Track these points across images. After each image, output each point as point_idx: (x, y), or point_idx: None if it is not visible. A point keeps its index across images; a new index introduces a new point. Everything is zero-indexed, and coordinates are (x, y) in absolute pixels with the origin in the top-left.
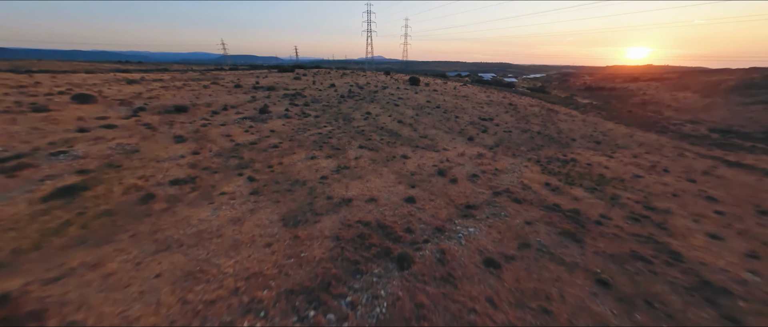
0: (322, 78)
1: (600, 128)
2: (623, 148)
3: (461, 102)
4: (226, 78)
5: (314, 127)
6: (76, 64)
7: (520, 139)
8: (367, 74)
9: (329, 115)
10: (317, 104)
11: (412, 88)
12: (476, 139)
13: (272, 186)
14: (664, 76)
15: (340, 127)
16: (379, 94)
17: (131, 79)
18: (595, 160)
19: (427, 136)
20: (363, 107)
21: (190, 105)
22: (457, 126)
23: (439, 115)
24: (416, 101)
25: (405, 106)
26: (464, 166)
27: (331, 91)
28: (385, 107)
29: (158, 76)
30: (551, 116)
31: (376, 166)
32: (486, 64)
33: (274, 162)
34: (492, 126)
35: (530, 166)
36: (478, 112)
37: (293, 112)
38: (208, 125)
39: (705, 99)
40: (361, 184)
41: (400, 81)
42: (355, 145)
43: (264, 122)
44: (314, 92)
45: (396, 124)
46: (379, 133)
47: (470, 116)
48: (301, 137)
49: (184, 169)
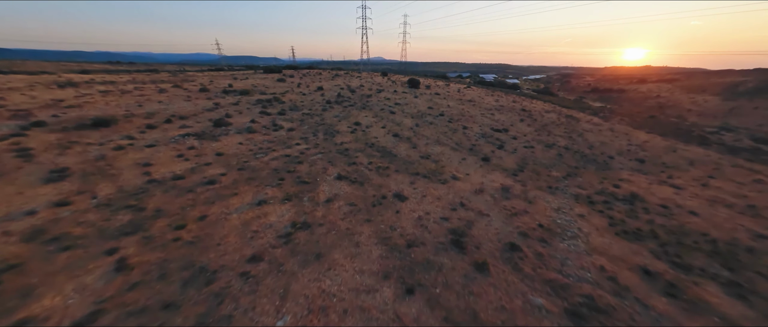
0: (310, 80)
1: (633, 140)
2: (675, 169)
3: (468, 108)
4: (198, 80)
5: (283, 145)
6: (39, 64)
7: (547, 157)
8: (362, 75)
9: (308, 127)
10: (295, 112)
11: (412, 91)
12: (493, 159)
13: (149, 287)
14: (672, 77)
15: (318, 144)
16: (372, 99)
17: (65, 83)
18: (662, 195)
19: (431, 156)
20: (352, 116)
21: (122, 117)
22: (466, 140)
23: (444, 126)
24: (416, 107)
25: (403, 113)
26: (490, 217)
27: (316, 96)
28: (378, 116)
29: (115, 78)
30: (573, 125)
31: (355, 221)
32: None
33: (193, 215)
34: (508, 139)
35: (588, 213)
36: (489, 120)
37: (261, 123)
38: (124, 148)
39: (728, 102)
40: (315, 279)
41: (398, 83)
42: (333, 174)
43: (214, 140)
44: (296, 97)
45: (391, 138)
46: (367, 152)
47: (481, 126)
48: (257, 163)
49: (13, 245)
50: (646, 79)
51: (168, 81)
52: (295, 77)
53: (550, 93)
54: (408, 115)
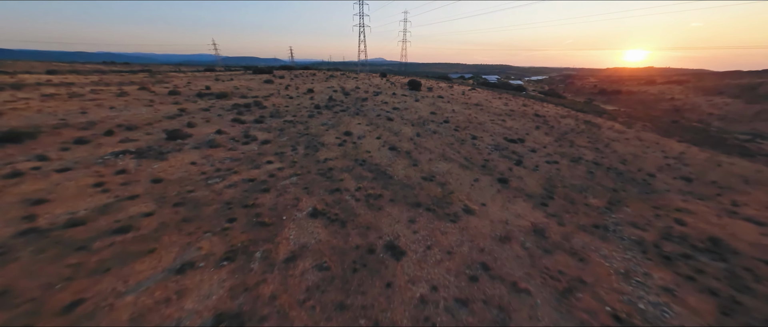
0: (301, 81)
1: (668, 151)
2: (732, 191)
3: (476, 113)
4: (175, 81)
5: (249, 164)
6: (28, 64)
7: (577, 176)
8: (360, 77)
9: (287, 139)
10: (276, 119)
11: (412, 93)
12: (512, 179)
13: None
14: (681, 78)
15: (295, 162)
16: (368, 103)
17: (6, 84)
18: (749, 237)
19: (435, 176)
20: (343, 123)
21: (49, 128)
22: (477, 154)
23: (450, 135)
24: (417, 113)
25: (402, 120)
26: (532, 298)
27: (304, 100)
28: (374, 123)
29: (80, 79)
30: (595, 133)
31: (321, 308)
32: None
33: (57, 302)
34: (526, 152)
35: (675, 284)
36: (500, 128)
37: (230, 134)
38: (23, 175)
39: (751, 106)
40: None
41: (398, 85)
42: (306, 208)
43: (159, 159)
44: (281, 101)
45: (387, 153)
46: (357, 173)
47: (492, 136)
48: (205, 194)
49: None
50: (654, 81)
51: (139, 82)
52: (286, 78)
53: (557, 95)
54: (408, 123)
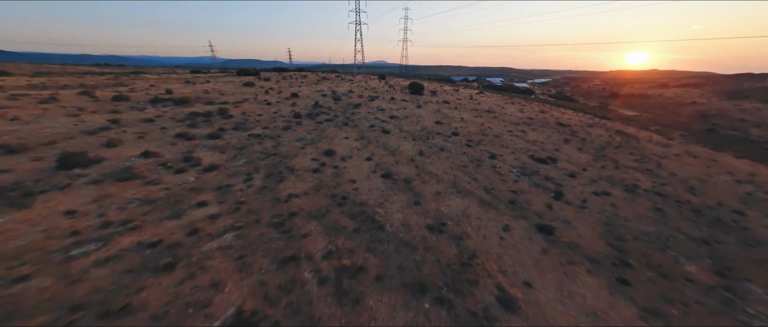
0: (288, 84)
1: (734, 172)
2: None
3: (489, 122)
4: (136, 84)
5: (166, 210)
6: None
7: (643, 217)
8: (356, 79)
9: (244, 163)
10: (239, 133)
11: (414, 98)
12: (558, 227)
13: None
14: (698, 81)
15: (242, 202)
16: (361, 110)
17: None
18: None
19: (446, 223)
20: (325, 138)
21: None
22: (500, 181)
23: (462, 153)
24: (420, 122)
25: (401, 132)
26: None
27: (284, 106)
28: (365, 137)
29: (21, 81)
30: (635, 146)
31: None
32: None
33: None
34: (564, 178)
35: None
36: (522, 142)
37: (162, 157)
38: None
39: None
40: None
41: (398, 88)
42: (227, 309)
43: (20, 205)
44: (254, 107)
45: (379, 183)
46: (331, 222)
47: (515, 153)
48: (44, 286)
49: None
50: (667, 84)
51: (88, 85)
52: (271, 81)
53: (569, 98)
54: (408, 136)
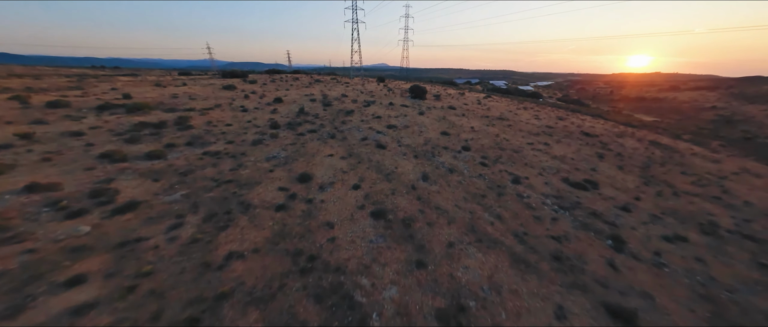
0: (274, 87)
1: None
2: None
3: (503, 131)
4: (98, 87)
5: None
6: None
7: (748, 282)
8: (353, 82)
9: (180, 198)
10: (193, 150)
11: (415, 103)
12: (637, 304)
13: None
14: (711, 84)
15: (146, 275)
16: (353, 118)
17: None
18: None
19: (468, 308)
20: (305, 155)
21: None
22: (534, 222)
23: (477, 177)
24: (422, 133)
25: (399, 147)
26: None
27: (262, 114)
28: (355, 154)
29: None
30: (680, 162)
31: None
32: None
33: None
34: (615, 213)
35: None
36: (548, 158)
37: (60, 192)
38: None
39: None
40: None
41: (397, 92)
42: None
43: None
44: (225, 115)
45: (367, 228)
46: (278, 314)
47: (543, 175)
48: None
49: None
50: (678, 86)
51: (35, 89)
52: (257, 83)
53: (579, 102)
54: (408, 152)
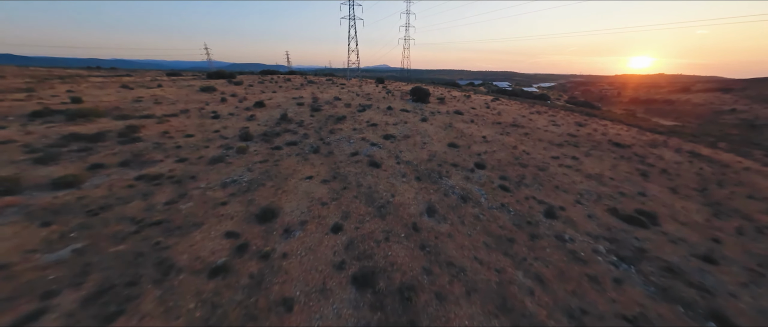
0: (261, 89)
1: None
2: None
3: (522, 142)
4: (55, 90)
5: None
6: None
7: None
8: (350, 83)
9: (74, 253)
10: (121, 176)
11: (417, 107)
12: None
13: None
14: (724, 85)
15: None
16: (344, 126)
17: None
18: None
19: None
20: (275, 177)
21: None
22: (590, 286)
23: (499, 208)
24: (426, 145)
25: (398, 164)
26: None
27: (236, 121)
28: (340, 175)
29: None
30: (741, 181)
31: None
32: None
33: None
34: (695, 264)
35: None
36: (583, 179)
37: None
38: None
39: None
40: None
41: (397, 94)
42: None
43: None
44: (190, 123)
45: (344, 307)
46: None
47: (585, 205)
48: None
49: None
50: (689, 88)
51: None
52: (243, 85)
53: (588, 104)
54: (409, 171)
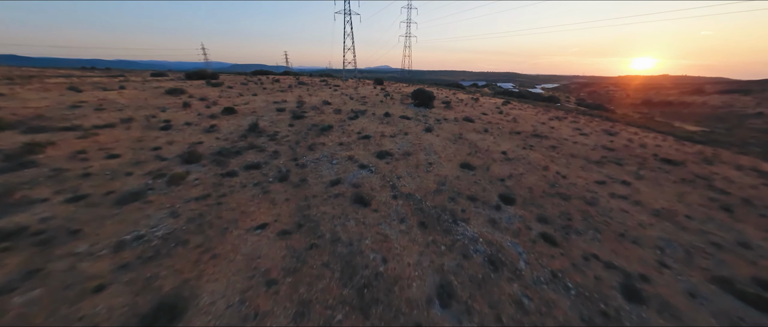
0: (240, 91)
1: None
2: None
3: (550, 158)
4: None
5: None
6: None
7: None
8: (345, 85)
9: None
10: None
11: (420, 113)
12: None
13: None
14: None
15: None
16: (329, 139)
17: None
18: None
19: None
20: (210, 226)
21: None
22: None
23: (548, 279)
24: (432, 165)
25: (393, 199)
26: None
27: (190, 132)
28: (309, 222)
29: None
30: None
31: None
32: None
33: None
34: None
35: None
36: (649, 218)
37: None
38: None
39: None
40: None
41: (397, 98)
42: None
43: None
44: (124, 137)
45: None
46: None
47: (675, 269)
48: None
49: None
50: (703, 90)
51: None
52: (221, 87)
53: (600, 107)
54: (410, 211)
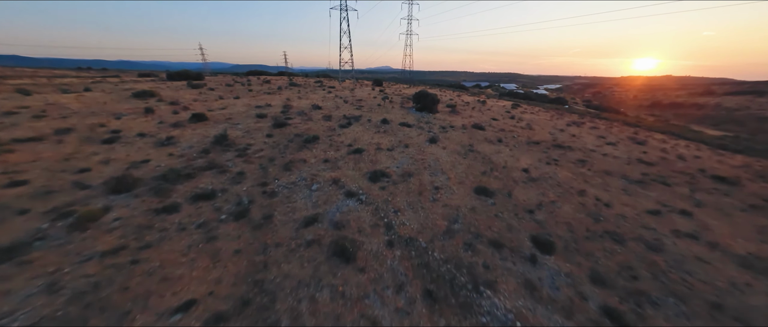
0: (219, 94)
1: None
2: None
3: (583, 177)
4: None
5: None
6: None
7: None
8: (339, 86)
9: None
10: None
11: (422, 119)
12: None
13: None
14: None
15: None
16: (310, 155)
17: None
18: None
19: None
20: (108, 308)
21: None
22: None
23: None
24: (439, 191)
25: (385, 248)
26: None
27: (140, 147)
28: (260, 286)
29: None
30: None
31: None
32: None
33: None
34: None
35: None
36: (739, 277)
37: None
38: None
39: None
40: None
41: (397, 101)
42: None
43: None
44: (48, 156)
45: None
46: None
47: None
48: None
49: None
50: (713, 91)
51: None
52: (202, 89)
53: (613, 110)
54: (410, 271)
